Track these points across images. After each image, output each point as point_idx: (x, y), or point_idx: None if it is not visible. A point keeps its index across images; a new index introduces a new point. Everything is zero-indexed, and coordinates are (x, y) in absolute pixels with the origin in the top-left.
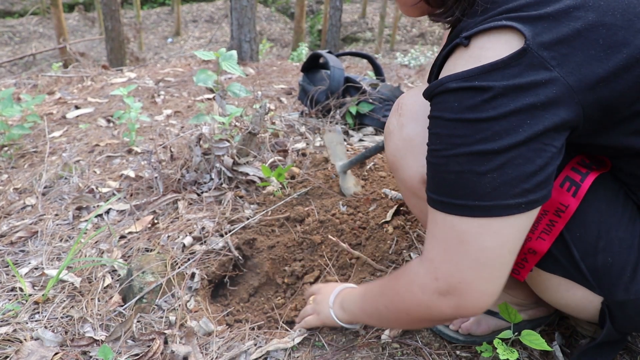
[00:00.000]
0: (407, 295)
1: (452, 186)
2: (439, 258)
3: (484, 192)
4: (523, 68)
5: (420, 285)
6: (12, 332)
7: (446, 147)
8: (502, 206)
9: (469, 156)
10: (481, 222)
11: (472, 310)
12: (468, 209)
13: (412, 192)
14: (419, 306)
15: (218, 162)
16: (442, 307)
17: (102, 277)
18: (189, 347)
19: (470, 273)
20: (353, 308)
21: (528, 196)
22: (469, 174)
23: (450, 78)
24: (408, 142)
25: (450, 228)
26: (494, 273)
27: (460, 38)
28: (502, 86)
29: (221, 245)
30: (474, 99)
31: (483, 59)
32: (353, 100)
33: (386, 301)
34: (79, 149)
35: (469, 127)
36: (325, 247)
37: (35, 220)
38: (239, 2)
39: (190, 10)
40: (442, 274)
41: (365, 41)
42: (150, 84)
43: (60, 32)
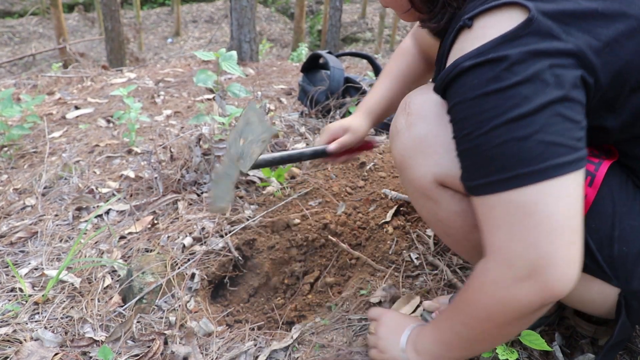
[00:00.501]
0: (484, 299)
1: (498, 161)
2: (506, 243)
3: (533, 155)
4: (532, 36)
5: (495, 280)
6: (12, 333)
7: (479, 125)
8: (556, 165)
9: (506, 125)
10: (539, 187)
11: (561, 287)
12: (523, 178)
13: (421, 193)
14: (501, 305)
15: (218, 162)
16: (528, 295)
17: (102, 278)
18: (189, 347)
19: (546, 244)
20: (429, 346)
21: (576, 152)
22: (512, 142)
23: (461, 59)
24: (418, 142)
25: (508, 205)
26: (570, 238)
27: (462, 20)
28: (517, 52)
29: (221, 245)
30: (493, 70)
31: (488, 36)
32: (353, 100)
33: (463, 318)
34: (78, 149)
35: (497, 98)
36: (325, 247)
37: (35, 221)
38: (239, 2)
39: (190, 10)
40: (515, 258)
41: (365, 41)
42: (150, 84)
43: (60, 32)
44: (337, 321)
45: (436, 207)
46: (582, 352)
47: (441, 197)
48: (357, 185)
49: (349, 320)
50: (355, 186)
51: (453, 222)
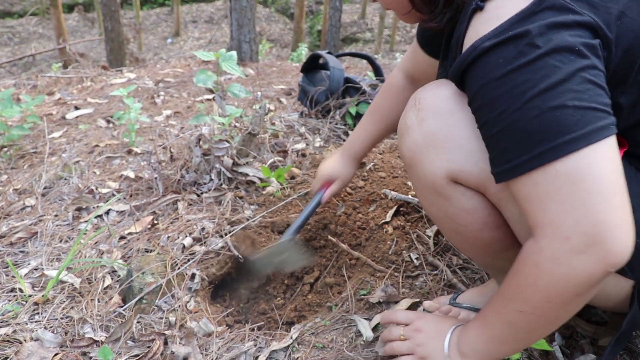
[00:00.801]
0: (541, 281)
1: (539, 133)
2: (558, 216)
3: (572, 122)
4: (548, 11)
5: (551, 257)
6: (12, 333)
7: (513, 101)
8: (597, 129)
9: (540, 95)
10: (585, 152)
11: (622, 251)
12: (567, 145)
13: (432, 189)
14: (562, 282)
15: (218, 162)
16: (589, 267)
17: (102, 278)
18: (189, 347)
19: (602, 209)
20: (477, 345)
21: (609, 117)
22: (549, 112)
23: (479, 41)
24: (430, 137)
25: (555, 176)
26: (622, 200)
27: (475, 3)
28: (537, 26)
29: (221, 245)
30: (517, 46)
31: (503, 16)
32: (353, 100)
33: (518, 305)
34: (78, 149)
35: (526, 72)
36: (325, 247)
37: (35, 221)
38: (239, 2)
39: (190, 10)
40: (571, 229)
41: (365, 42)
42: (150, 84)
43: (59, 32)
44: (337, 321)
45: (447, 203)
46: (582, 352)
47: (453, 193)
48: (357, 186)
49: (349, 321)
50: (355, 186)
51: (463, 219)
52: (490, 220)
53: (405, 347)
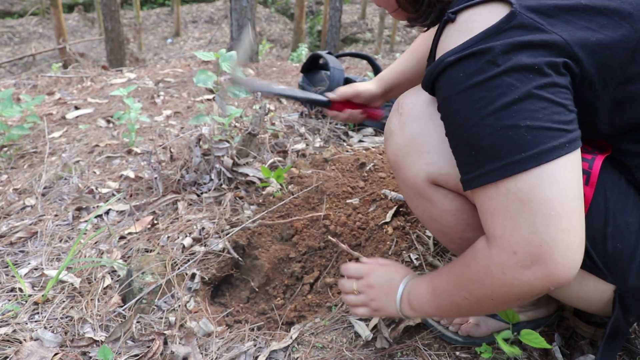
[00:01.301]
0: (487, 281)
1: (491, 150)
2: (507, 230)
3: (524, 142)
4: (515, 30)
5: (499, 265)
6: (12, 333)
7: (469, 116)
8: (549, 149)
9: (495, 114)
10: (534, 173)
11: (564, 272)
12: (517, 165)
13: (415, 192)
14: (505, 287)
15: (218, 162)
16: (531, 280)
17: (101, 278)
18: (189, 347)
19: (546, 231)
20: (425, 307)
21: (567, 135)
22: (502, 130)
23: (446, 55)
24: (410, 141)
25: (506, 194)
26: (570, 223)
27: (447, 14)
28: (500, 44)
29: (221, 246)
30: (478, 62)
31: (472, 30)
32: None
33: (464, 293)
34: (78, 149)
35: (483, 88)
36: (324, 248)
37: (34, 221)
38: (239, 2)
39: (190, 10)
40: (518, 245)
41: (365, 42)
42: (150, 84)
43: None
44: (337, 322)
45: (430, 205)
46: (581, 352)
47: (434, 196)
48: (357, 186)
49: (348, 321)
50: (355, 186)
51: (447, 220)
52: (474, 221)
53: (359, 300)
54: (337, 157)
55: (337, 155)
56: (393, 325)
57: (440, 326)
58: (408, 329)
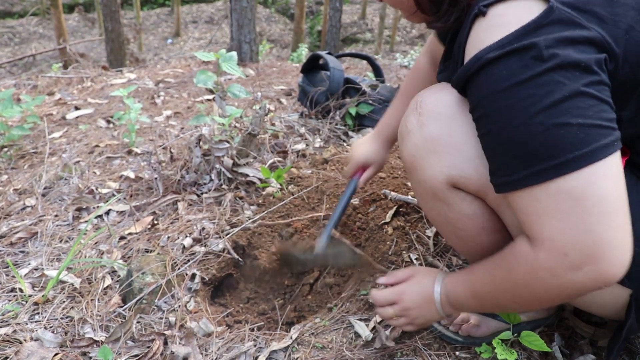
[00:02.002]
0: (536, 286)
1: (542, 149)
2: (559, 231)
3: (578, 140)
4: (555, 25)
5: (548, 269)
6: (12, 333)
7: (516, 115)
8: (602, 147)
9: (545, 111)
10: (588, 171)
11: (617, 271)
12: (571, 163)
13: (431, 194)
14: (555, 290)
15: (218, 163)
16: (584, 282)
17: (102, 278)
18: (189, 348)
19: (602, 229)
20: (467, 307)
21: (615, 132)
22: (554, 128)
23: (484, 51)
24: (430, 142)
25: (558, 194)
26: (623, 219)
27: (477, 7)
28: (544, 39)
29: (221, 246)
30: (522, 59)
31: (508, 25)
32: (353, 101)
33: (510, 296)
34: (78, 149)
35: (530, 86)
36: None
37: (35, 221)
38: (239, 3)
39: (190, 11)
40: (570, 246)
41: (365, 42)
42: (150, 85)
43: (60, 33)
44: (337, 322)
45: (447, 208)
46: (581, 352)
47: (452, 199)
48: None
49: (348, 321)
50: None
51: (463, 224)
52: (490, 225)
53: (403, 322)
54: (337, 157)
55: (337, 156)
56: None
57: (441, 326)
58: None
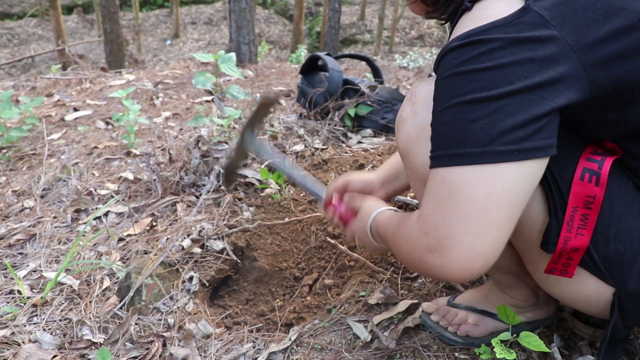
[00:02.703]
0: (405, 247)
1: (444, 138)
2: (428, 212)
3: (475, 138)
4: (524, 25)
5: (414, 240)
6: (10, 335)
7: (442, 102)
8: (493, 152)
9: (461, 105)
10: (472, 170)
11: (457, 271)
12: (458, 157)
13: (423, 180)
14: (414, 259)
15: (217, 164)
16: (430, 264)
17: (100, 280)
18: (188, 349)
19: (456, 226)
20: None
21: (521, 143)
22: (460, 122)
23: (452, 40)
24: (422, 129)
25: (441, 180)
26: (484, 228)
27: (464, 3)
28: (500, 38)
29: (220, 247)
30: (471, 52)
31: (484, 18)
32: (352, 102)
33: (396, 248)
34: (77, 151)
35: (464, 79)
36: (323, 249)
37: (33, 223)
38: (238, 4)
39: (189, 12)
40: (430, 229)
41: (364, 43)
42: (149, 86)
43: (59, 34)
44: (336, 323)
45: None
46: (580, 353)
47: None
48: None
49: (347, 323)
50: None
51: None
52: None
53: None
54: (336, 158)
55: (336, 157)
56: (392, 326)
57: (439, 327)
58: (407, 330)
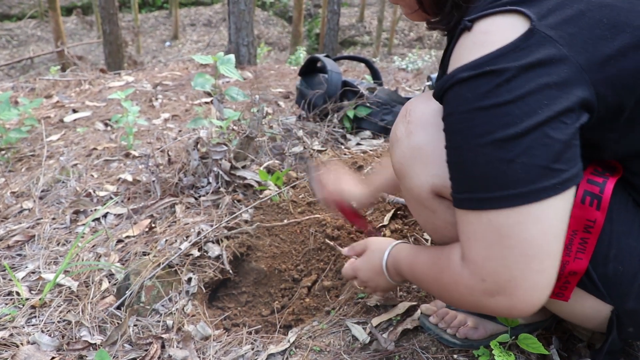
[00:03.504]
0: (455, 295)
1: (481, 180)
2: (481, 258)
3: (516, 178)
4: (533, 48)
5: (467, 287)
6: (9, 337)
7: (468, 140)
8: (538, 190)
9: (493, 144)
10: (519, 211)
11: (527, 308)
12: (503, 200)
13: (418, 202)
14: (470, 304)
15: (215, 166)
16: (494, 307)
17: (99, 281)
18: (187, 351)
19: (518, 268)
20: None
21: (561, 175)
22: (497, 162)
23: (459, 69)
24: (416, 151)
25: (488, 224)
26: (543, 264)
27: (463, 22)
28: (514, 67)
29: (218, 249)
30: (488, 84)
31: (488, 44)
32: (350, 104)
33: (437, 290)
34: (76, 152)
35: (488, 115)
36: (322, 251)
37: (32, 224)
38: (237, 5)
39: (188, 13)
40: (488, 274)
41: (363, 45)
42: (148, 87)
43: (58, 35)
44: (335, 325)
45: (433, 216)
46: (579, 355)
47: (437, 207)
48: None
49: (346, 325)
50: None
51: (449, 231)
52: None
53: (368, 291)
54: (335, 160)
55: (335, 159)
56: (391, 328)
57: (438, 329)
58: (406, 332)
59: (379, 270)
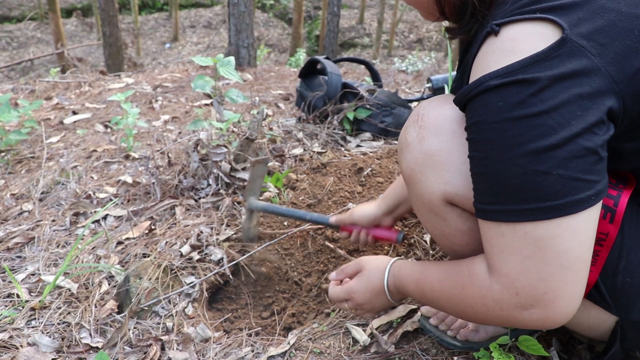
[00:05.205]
0: (481, 309)
1: (516, 192)
2: (516, 271)
3: (554, 190)
4: (565, 58)
5: (498, 301)
6: (9, 339)
7: (500, 151)
8: (575, 202)
9: (527, 156)
10: (557, 223)
11: (561, 319)
12: (541, 212)
13: (428, 208)
14: (497, 319)
15: (215, 167)
16: (526, 320)
17: (99, 283)
18: (186, 353)
19: (555, 280)
20: (413, 296)
21: (595, 187)
22: (533, 174)
23: (489, 76)
24: (429, 157)
25: (523, 237)
26: (579, 274)
27: (490, 25)
28: (547, 77)
29: (218, 251)
30: (520, 94)
31: (518, 51)
32: (350, 106)
33: (453, 308)
34: (76, 154)
35: (521, 126)
36: (322, 253)
37: (32, 226)
38: (237, 7)
39: (188, 15)
40: (523, 288)
41: (363, 47)
42: (147, 89)
43: (58, 37)
44: (335, 327)
45: (443, 224)
46: (579, 357)
47: (449, 215)
48: (355, 191)
49: (346, 327)
50: (352, 191)
51: (459, 239)
52: None
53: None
54: (335, 162)
55: (335, 160)
56: (391, 330)
57: (439, 331)
58: (406, 334)
59: (379, 291)
